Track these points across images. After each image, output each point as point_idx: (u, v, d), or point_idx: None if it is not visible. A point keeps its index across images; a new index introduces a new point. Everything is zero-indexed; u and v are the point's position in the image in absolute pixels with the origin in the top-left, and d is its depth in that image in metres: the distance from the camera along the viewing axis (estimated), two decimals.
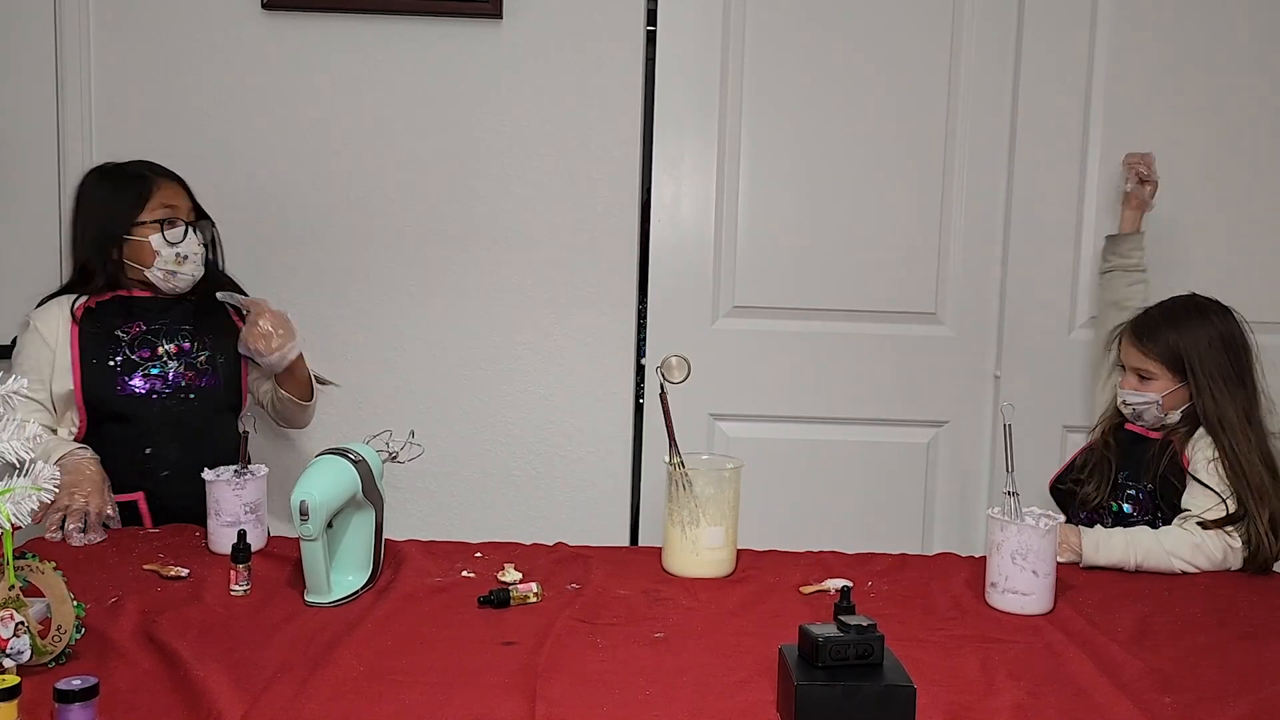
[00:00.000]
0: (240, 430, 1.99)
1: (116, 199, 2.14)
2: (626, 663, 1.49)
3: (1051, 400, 2.55)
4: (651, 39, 2.52)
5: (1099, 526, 2.01)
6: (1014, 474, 1.81)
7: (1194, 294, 2.12)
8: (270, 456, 2.49)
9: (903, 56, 2.50)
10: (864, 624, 1.33)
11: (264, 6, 2.44)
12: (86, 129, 2.45)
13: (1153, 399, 2.05)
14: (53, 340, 2.09)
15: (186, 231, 2.13)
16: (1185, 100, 2.50)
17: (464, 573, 1.84)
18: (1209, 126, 2.51)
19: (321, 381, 2.29)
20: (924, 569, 1.93)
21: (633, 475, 2.63)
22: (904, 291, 2.56)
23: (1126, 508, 2.04)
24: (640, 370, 2.64)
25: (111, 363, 2.09)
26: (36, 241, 2.47)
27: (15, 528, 1.39)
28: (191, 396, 2.16)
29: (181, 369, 2.15)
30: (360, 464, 1.75)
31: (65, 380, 2.09)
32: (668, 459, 1.90)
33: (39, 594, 1.44)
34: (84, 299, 2.12)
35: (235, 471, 1.94)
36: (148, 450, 2.12)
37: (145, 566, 1.82)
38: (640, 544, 2.58)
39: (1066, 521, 1.98)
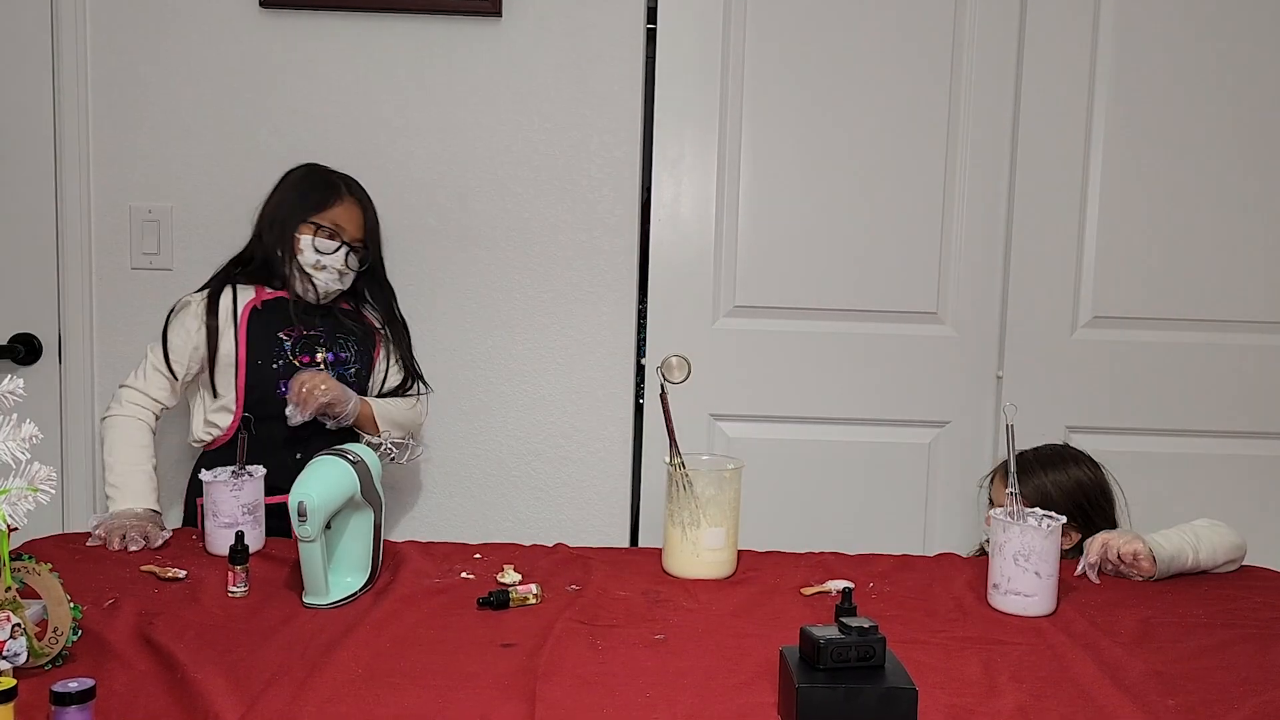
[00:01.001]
0: (241, 433, 1.99)
1: (302, 196, 2.22)
2: (626, 664, 1.48)
3: (1054, 401, 2.54)
4: (651, 37, 2.51)
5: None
6: (1016, 474, 1.80)
7: (1066, 444, 2.28)
8: None
9: (904, 55, 2.49)
10: (865, 626, 1.32)
11: (261, 5, 2.43)
12: (83, 127, 2.44)
13: None
14: (222, 331, 2.16)
15: (339, 248, 2.19)
16: (1189, 99, 2.49)
17: (463, 574, 1.83)
18: (1214, 124, 2.49)
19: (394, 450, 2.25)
20: (926, 570, 1.93)
21: (633, 475, 2.62)
22: (905, 291, 2.55)
23: None
24: (640, 370, 2.63)
25: (275, 365, 2.15)
26: (33, 241, 2.46)
27: (12, 529, 1.38)
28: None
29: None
30: (359, 465, 1.75)
31: (223, 372, 2.17)
32: (668, 459, 1.90)
33: (35, 596, 1.43)
34: (251, 297, 2.20)
35: (233, 473, 1.94)
36: (299, 456, 2.13)
37: (143, 568, 1.81)
38: (640, 545, 2.58)
39: None
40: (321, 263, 2.18)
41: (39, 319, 2.48)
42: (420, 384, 2.37)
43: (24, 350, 2.46)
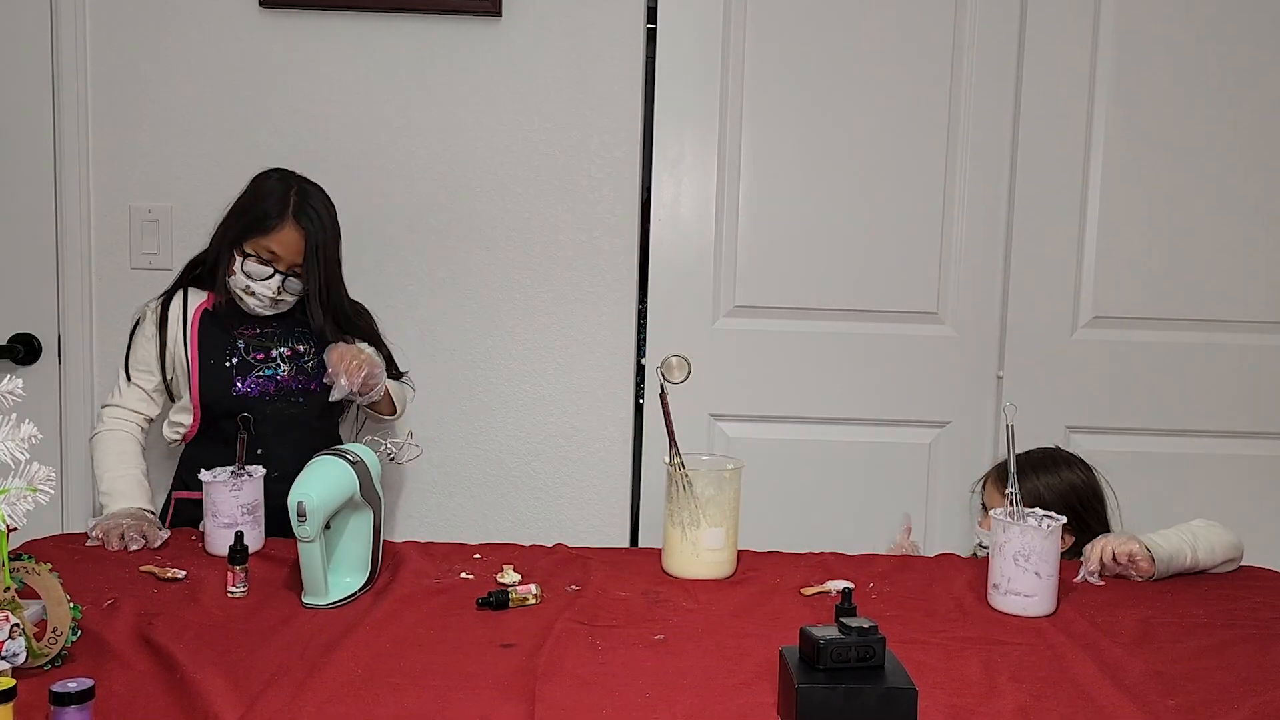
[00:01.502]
0: (240, 433, 1.99)
1: (241, 217, 2.15)
2: (626, 665, 1.48)
3: (1054, 401, 2.54)
4: (652, 37, 2.51)
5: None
6: (1016, 475, 1.80)
7: (1058, 447, 2.27)
8: None
9: (905, 55, 2.49)
10: (865, 626, 1.32)
11: (261, 4, 2.43)
12: (83, 126, 2.44)
13: None
14: (173, 336, 2.17)
15: (272, 276, 2.14)
16: (1190, 101, 2.48)
17: (462, 574, 1.83)
18: (1214, 126, 2.49)
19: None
20: (926, 570, 1.92)
21: (633, 476, 2.61)
22: (906, 291, 2.55)
23: None
24: (640, 370, 2.63)
25: (228, 364, 2.15)
26: (32, 241, 2.46)
27: (11, 529, 1.38)
28: (301, 400, 2.19)
29: (292, 372, 2.18)
30: (358, 465, 1.75)
31: (180, 375, 2.18)
32: (668, 459, 1.89)
33: (35, 596, 1.43)
34: (203, 299, 2.18)
35: (232, 473, 1.94)
36: (259, 451, 2.13)
37: (142, 568, 1.81)
38: (640, 545, 2.57)
39: None
40: (251, 288, 2.14)
41: (38, 319, 2.48)
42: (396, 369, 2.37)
43: (23, 350, 2.46)
